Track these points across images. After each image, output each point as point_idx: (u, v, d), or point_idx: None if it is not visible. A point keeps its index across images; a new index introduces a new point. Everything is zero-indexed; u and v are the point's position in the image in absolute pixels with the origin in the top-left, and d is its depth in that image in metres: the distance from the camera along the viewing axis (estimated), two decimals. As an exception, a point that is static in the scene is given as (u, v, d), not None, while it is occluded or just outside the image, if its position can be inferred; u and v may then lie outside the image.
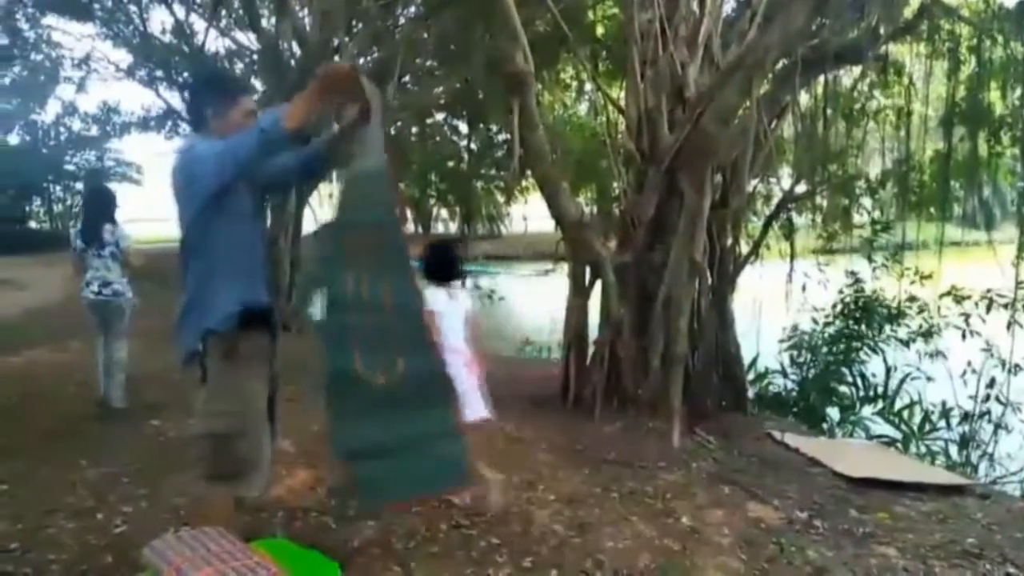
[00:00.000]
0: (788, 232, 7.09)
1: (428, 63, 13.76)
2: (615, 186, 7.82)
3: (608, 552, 3.29)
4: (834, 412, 7.12)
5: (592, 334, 6.08)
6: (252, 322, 2.49)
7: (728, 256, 6.11)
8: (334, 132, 2.64)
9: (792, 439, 5.28)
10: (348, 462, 2.61)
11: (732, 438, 5.27)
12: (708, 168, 5.46)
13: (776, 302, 7.06)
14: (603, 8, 10.68)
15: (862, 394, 7.21)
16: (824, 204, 8.11)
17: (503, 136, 16.17)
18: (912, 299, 7.19)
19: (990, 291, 6.53)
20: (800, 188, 6.98)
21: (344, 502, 3.59)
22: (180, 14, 16.55)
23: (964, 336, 6.64)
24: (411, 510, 3.51)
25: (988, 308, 6.52)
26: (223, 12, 15.06)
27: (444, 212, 31.75)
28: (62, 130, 27.21)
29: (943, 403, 6.71)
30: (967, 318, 6.64)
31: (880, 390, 7.21)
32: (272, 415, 2.64)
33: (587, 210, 9.72)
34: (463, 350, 3.55)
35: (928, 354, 7.04)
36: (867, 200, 8.13)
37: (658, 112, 5.80)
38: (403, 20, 12.10)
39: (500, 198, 27.62)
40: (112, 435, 4.88)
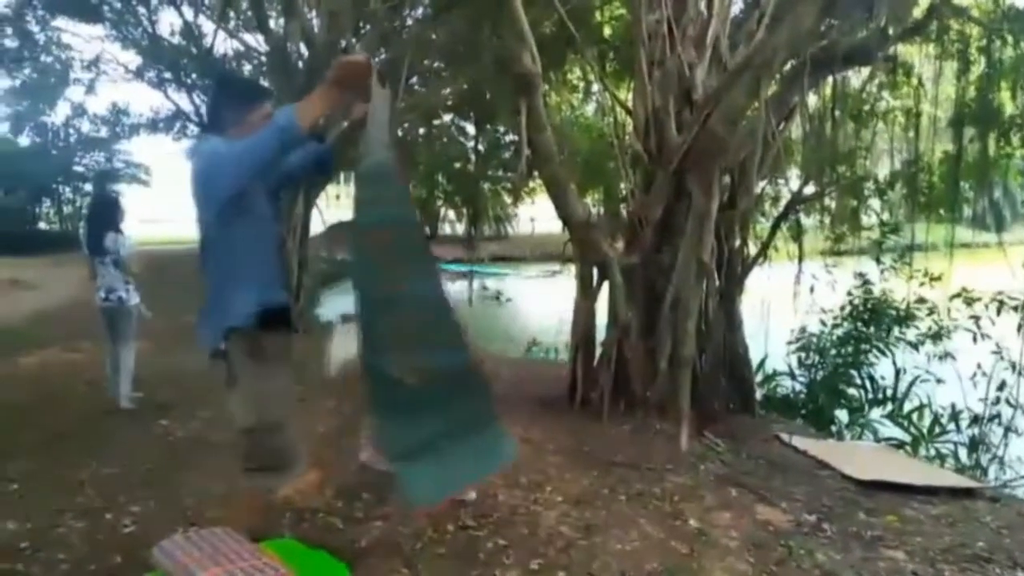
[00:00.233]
0: (796, 233, 7.06)
1: (435, 64, 13.79)
2: (622, 187, 7.81)
3: (615, 554, 3.28)
4: (843, 414, 7.09)
5: (600, 335, 6.07)
6: (272, 320, 2.54)
7: (736, 257, 6.09)
8: (342, 129, 2.65)
9: (800, 441, 5.26)
10: (393, 461, 2.65)
11: (740, 440, 5.25)
12: (716, 169, 5.45)
13: (784, 304, 7.04)
14: (610, 9, 10.66)
15: (871, 396, 7.18)
16: (832, 205, 8.07)
17: (510, 137, 16.16)
18: (921, 301, 7.15)
19: (1000, 293, 6.49)
20: (808, 189, 6.96)
21: (353, 502, 3.60)
22: (189, 16, 16.65)
23: (974, 339, 6.59)
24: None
25: (998, 310, 6.48)
26: (231, 14, 15.13)
27: (451, 213, 31.78)
28: (72, 131, 27.41)
29: (953, 406, 6.67)
30: (977, 320, 6.60)
31: (889, 392, 7.17)
32: None
33: (594, 211, 9.70)
34: None
35: (938, 356, 7.01)
36: (876, 201, 8.09)
37: (666, 113, 5.79)
38: (411, 21, 12.12)
39: (507, 199, 27.66)
40: (121, 435, 4.90)
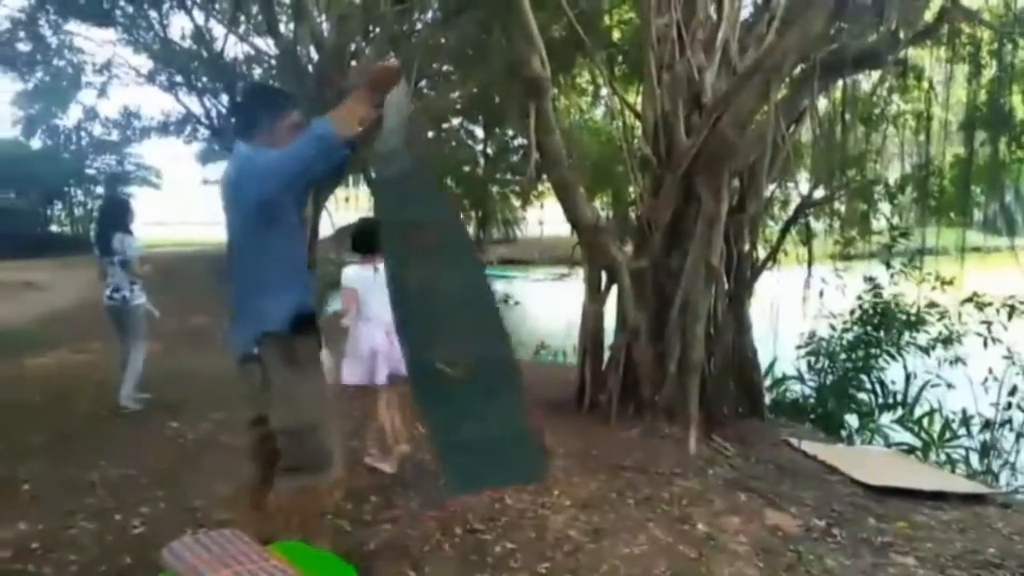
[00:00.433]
0: (806, 237, 7.03)
1: (445, 68, 13.83)
2: (631, 191, 7.80)
3: (623, 558, 3.28)
4: (852, 419, 7.06)
5: (608, 339, 6.07)
6: (303, 324, 2.58)
7: (745, 261, 6.08)
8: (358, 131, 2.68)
9: (810, 446, 5.24)
10: (439, 452, 2.69)
11: (749, 444, 5.23)
12: (725, 173, 5.44)
13: (793, 308, 7.01)
14: (619, 13, 10.68)
15: (881, 401, 7.14)
16: (842, 209, 8.05)
17: (519, 141, 16.20)
18: (932, 305, 7.12)
19: (1012, 298, 6.45)
20: (818, 193, 6.93)
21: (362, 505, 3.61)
22: (200, 20, 16.76)
23: (985, 344, 6.55)
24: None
25: (1010, 315, 6.44)
26: (242, 17, 15.22)
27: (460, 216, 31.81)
28: (83, 135, 27.60)
29: (964, 411, 6.63)
30: (988, 325, 6.56)
31: (899, 397, 7.13)
32: None
33: (603, 214, 9.70)
34: (384, 320, 3.91)
35: (948, 361, 6.97)
36: (886, 205, 8.06)
37: (675, 117, 5.78)
38: (420, 25, 12.16)
39: (516, 202, 27.68)
40: (131, 436, 4.93)
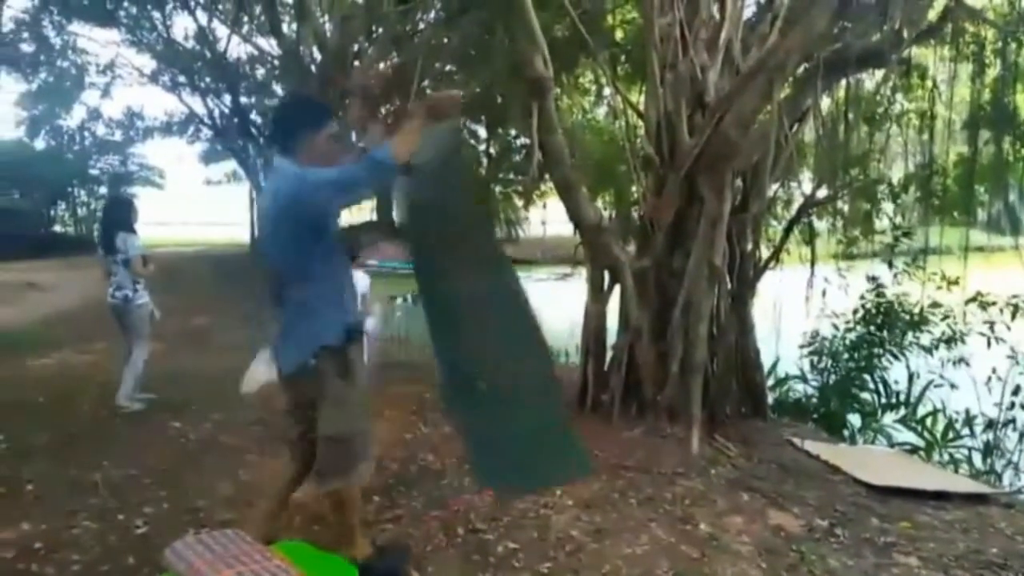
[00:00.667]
0: (809, 237, 7.02)
1: (448, 68, 13.82)
2: (634, 190, 7.79)
3: (626, 558, 3.28)
4: (855, 419, 7.05)
5: (611, 339, 6.06)
6: (354, 336, 2.73)
7: (748, 261, 6.06)
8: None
9: (813, 446, 5.23)
10: (474, 459, 2.86)
11: (752, 444, 5.22)
12: (728, 172, 5.43)
13: (796, 307, 7.00)
14: (622, 12, 10.66)
15: (884, 401, 7.13)
16: (845, 209, 8.03)
17: (522, 140, 16.19)
18: (935, 305, 7.10)
19: (1016, 297, 6.44)
20: (821, 193, 6.92)
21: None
22: (203, 20, 16.79)
23: (989, 343, 6.54)
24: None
25: (1013, 315, 6.43)
26: (245, 18, 15.24)
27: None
28: (86, 135, 27.66)
29: (967, 411, 6.62)
30: (992, 325, 6.55)
31: (902, 397, 7.12)
32: None
33: (606, 214, 9.69)
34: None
35: (952, 361, 6.96)
36: (889, 205, 8.04)
37: (678, 116, 5.78)
38: (423, 25, 12.16)
39: (519, 202, 27.63)
40: (134, 437, 4.94)
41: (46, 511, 3.58)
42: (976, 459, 6.37)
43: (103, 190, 30.00)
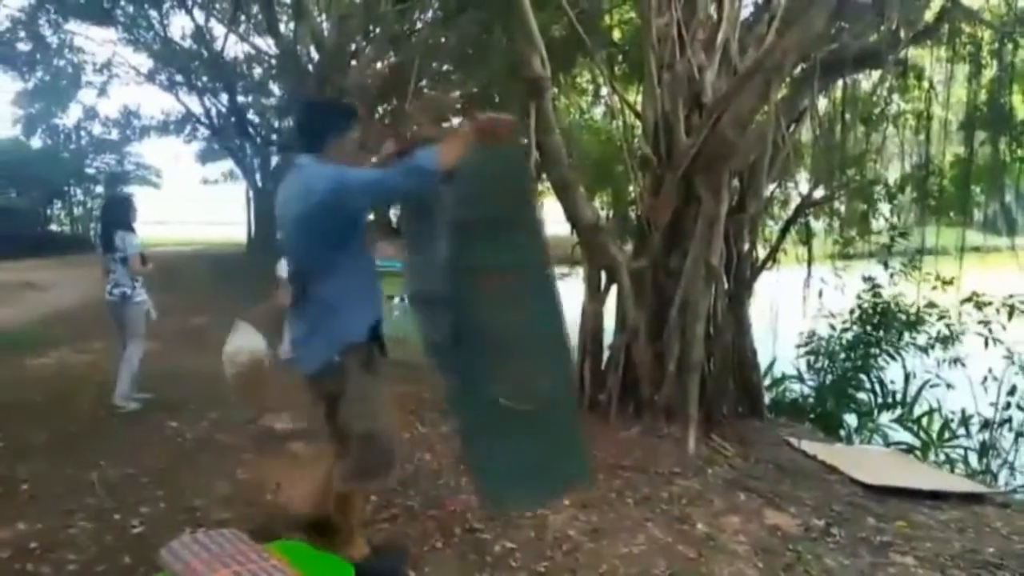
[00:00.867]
0: (805, 237, 7.04)
1: (445, 67, 13.83)
2: (631, 190, 7.80)
3: (622, 558, 3.28)
4: (852, 419, 7.07)
5: (607, 338, 6.07)
6: (378, 333, 2.75)
7: (745, 261, 6.08)
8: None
9: (809, 446, 5.24)
10: (478, 477, 2.88)
11: (748, 444, 5.23)
12: (725, 173, 5.44)
13: (793, 307, 7.02)
14: (620, 12, 10.68)
15: (880, 401, 7.15)
16: (842, 209, 8.05)
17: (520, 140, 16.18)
18: (931, 305, 7.12)
19: (1011, 297, 6.45)
20: (818, 193, 6.93)
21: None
22: (200, 19, 16.76)
23: (985, 343, 6.56)
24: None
25: (1009, 315, 6.45)
26: (242, 17, 15.21)
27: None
28: (83, 134, 27.58)
29: (963, 411, 6.64)
30: (988, 325, 6.56)
31: (899, 397, 7.14)
32: None
33: (603, 214, 9.70)
34: None
35: (948, 361, 6.98)
36: (885, 205, 8.07)
37: (675, 116, 5.78)
38: (420, 24, 12.16)
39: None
40: (131, 436, 4.92)
41: (42, 510, 3.56)
42: (972, 459, 6.39)
43: (100, 189, 29.91)
